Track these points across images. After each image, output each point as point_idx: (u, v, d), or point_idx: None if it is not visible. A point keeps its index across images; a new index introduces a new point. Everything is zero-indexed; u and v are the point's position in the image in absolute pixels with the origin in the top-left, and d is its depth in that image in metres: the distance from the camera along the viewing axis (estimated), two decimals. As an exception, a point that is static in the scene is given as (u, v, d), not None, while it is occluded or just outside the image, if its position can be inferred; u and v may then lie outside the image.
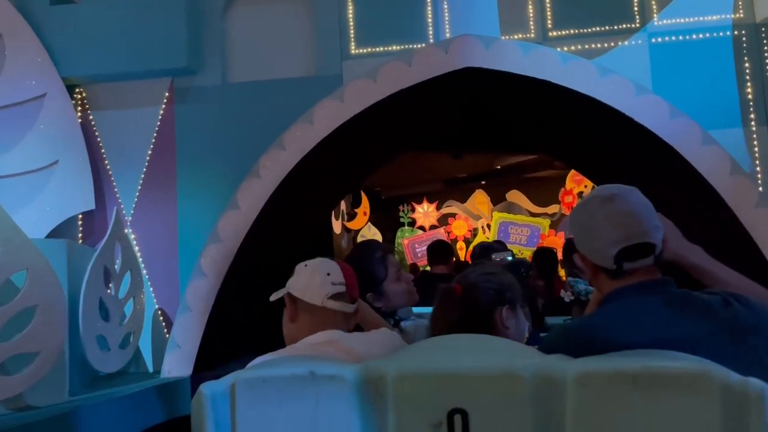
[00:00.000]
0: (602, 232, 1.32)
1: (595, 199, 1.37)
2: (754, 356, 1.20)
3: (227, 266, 3.36)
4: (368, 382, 1.05)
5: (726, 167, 3.13)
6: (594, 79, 3.28)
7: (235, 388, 1.08)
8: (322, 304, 1.63)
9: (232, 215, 3.39)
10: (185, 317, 3.36)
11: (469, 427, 0.98)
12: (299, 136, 3.41)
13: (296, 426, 1.05)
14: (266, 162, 3.41)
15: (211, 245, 3.38)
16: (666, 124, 3.20)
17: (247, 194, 3.40)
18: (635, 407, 0.97)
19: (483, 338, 1.33)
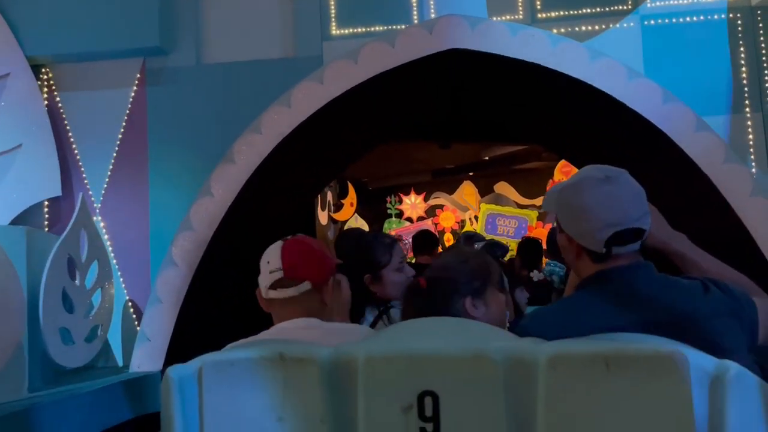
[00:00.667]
0: (595, 215, 1.27)
1: (588, 180, 1.31)
2: (733, 340, 1.20)
3: (200, 256, 3.20)
4: (338, 364, 1.03)
5: (720, 154, 3.02)
6: (585, 62, 3.14)
7: (203, 372, 1.06)
8: (266, 297, 1.55)
9: (204, 202, 3.23)
10: (155, 309, 3.20)
11: (439, 409, 0.97)
12: (276, 119, 3.24)
13: (265, 409, 1.03)
14: (241, 147, 3.25)
15: (183, 234, 3.22)
16: (659, 109, 3.08)
17: (221, 180, 3.23)
18: (608, 390, 0.95)
19: (456, 321, 1.31)
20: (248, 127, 3.25)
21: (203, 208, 3.23)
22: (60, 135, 3.56)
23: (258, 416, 1.03)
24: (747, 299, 1.28)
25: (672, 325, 1.16)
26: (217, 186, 3.23)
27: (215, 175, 3.24)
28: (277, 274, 1.52)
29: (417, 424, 0.98)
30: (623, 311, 1.22)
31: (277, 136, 3.23)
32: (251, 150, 3.24)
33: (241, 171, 3.23)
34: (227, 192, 3.22)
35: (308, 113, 3.22)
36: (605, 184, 1.28)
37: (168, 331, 3.18)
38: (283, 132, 3.23)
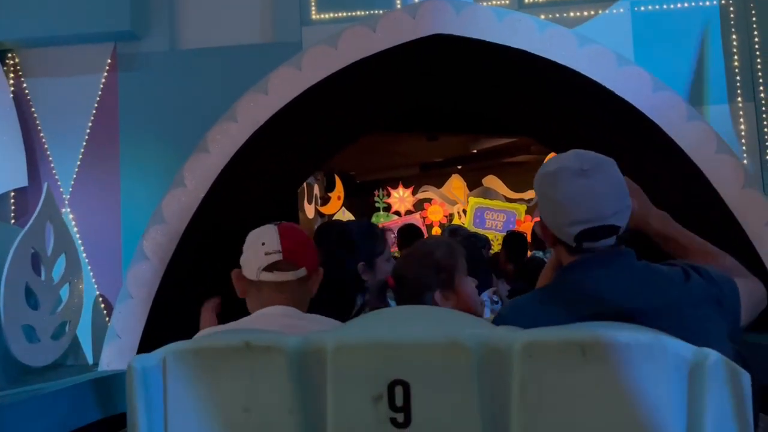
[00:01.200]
0: (566, 209, 1.23)
1: (564, 171, 1.24)
2: (713, 328, 1.19)
3: (172, 249, 3.07)
4: (306, 353, 1.00)
5: (711, 145, 2.93)
6: (573, 48, 3.04)
7: (167, 361, 1.02)
8: (257, 279, 1.47)
9: (177, 193, 3.09)
10: (126, 305, 3.07)
11: (410, 398, 0.95)
12: (252, 107, 3.11)
13: (231, 399, 1.00)
14: (216, 135, 3.11)
15: (155, 226, 3.09)
16: (648, 97, 2.97)
17: (195, 170, 3.10)
18: (584, 378, 0.93)
19: (429, 309, 1.29)
20: (223, 115, 3.11)
21: (176, 199, 3.09)
22: (27, 123, 3.41)
23: (223, 407, 1.00)
24: (729, 285, 1.25)
25: (651, 315, 1.14)
26: (191, 176, 3.10)
27: (188, 165, 3.10)
28: (275, 256, 1.47)
29: (387, 414, 0.95)
30: (599, 302, 1.19)
31: (253, 124, 3.10)
32: (226, 139, 3.10)
33: (216, 161, 3.10)
34: (201, 183, 3.09)
35: (286, 100, 3.09)
36: (580, 178, 1.22)
37: (139, 328, 3.06)
38: (260, 120, 3.10)
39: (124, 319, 3.07)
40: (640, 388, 0.93)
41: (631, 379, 0.93)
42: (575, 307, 1.19)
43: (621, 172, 1.28)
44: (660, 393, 0.92)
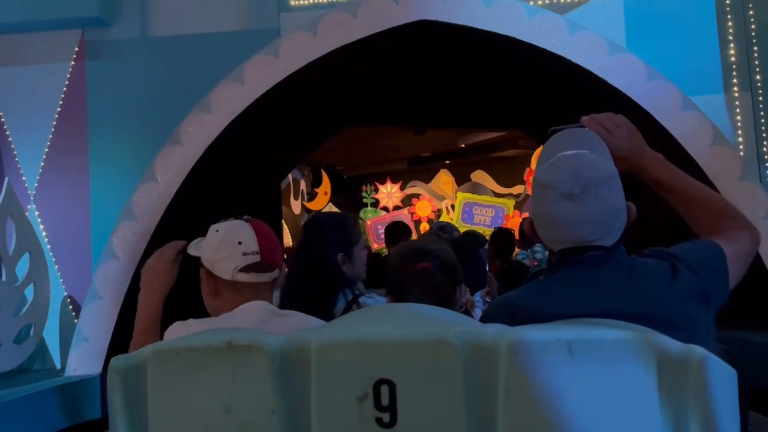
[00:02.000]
0: (549, 228, 1.22)
1: (553, 190, 1.19)
2: (700, 323, 1.18)
3: (143, 247, 2.92)
4: (289, 352, 0.98)
5: (707, 136, 2.81)
6: (563, 35, 2.91)
7: (148, 362, 1.01)
8: (233, 279, 1.44)
9: (148, 189, 2.94)
10: (94, 306, 2.91)
11: (396, 398, 0.93)
12: (227, 96, 2.95)
13: (212, 399, 0.98)
14: (189, 127, 2.95)
15: (124, 223, 2.93)
16: (642, 86, 2.85)
17: (166, 164, 2.94)
18: (571, 376, 0.93)
19: (415, 307, 1.30)
20: (196, 106, 2.95)
21: (146, 195, 2.94)
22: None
23: (205, 408, 0.98)
24: (716, 265, 1.22)
25: (638, 316, 1.11)
26: (162, 171, 2.94)
27: (160, 158, 2.95)
28: (254, 257, 1.44)
29: (373, 414, 0.93)
30: (585, 301, 1.18)
31: (228, 114, 2.94)
32: (200, 130, 2.95)
33: (189, 154, 2.95)
34: (173, 177, 2.94)
35: (262, 90, 2.95)
36: (568, 202, 1.17)
37: (108, 331, 2.90)
38: (235, 110, 2.95)
39: (92, 322, 2.91)
40: (627, 385, 0.92)
41: (618, 376, 0.92)
42: (557, 307, 1.17)
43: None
44: (647, 390, 0.92)
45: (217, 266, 1.45)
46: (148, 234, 2.92)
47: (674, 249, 1.25)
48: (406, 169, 13.06)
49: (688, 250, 1.24)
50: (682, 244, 1.27)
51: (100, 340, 2.89)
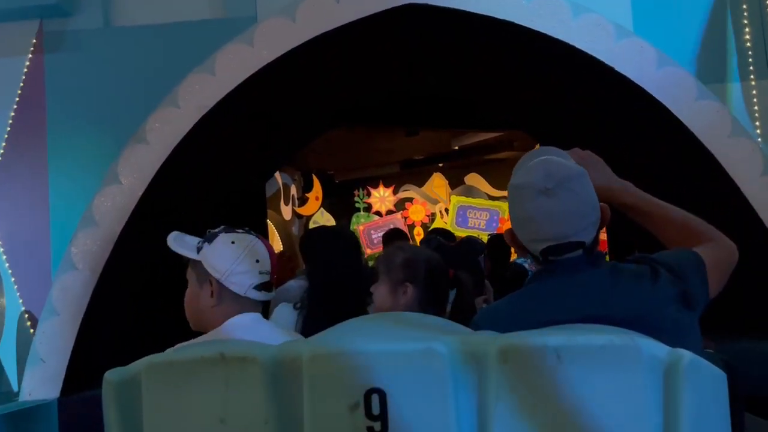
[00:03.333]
0: (528, 227, 1.25)
1: (528, 188, 1.24)
2: (683, 324, 1.21)
3: (105, 257, 2.66)
4: (282, 363, 0.99)
5: (725, 127, 2.58)
6: (566, 19, 2.67)
7: (142, 374, 1.01)
8: (245, 294, 1.48)
9: (110, 192, 2.67)
10: (51, 323, 2.64)
11: (387, 406, 0.94)
12: (197, 90, 2.69)
13: (207, 410, 0.98)
14: (155, 123, 2.68)
15: (85, 230, 2.66)
16: (653, 74, 2.61)
17: (131, 164, 2.68)
18: (560, 381, 0.93)
19: (405, 315, 1.34)
20: (163, 100, 2.68)
21: (109, 198, 2.67)
22: (-62, 112, 2.94)
23: (200, 418, 0.99)
24: (696, 270, 1.24)
25: (621, 321, 1.13)
26: (126, 172, 2.67)
27: (123, 158, 2.68)
28: (266, 276, 1.51)
29: (364, 423, 0.95)
30: (570, 306, 1.20)
31: (199, 109, 2.68)
32: (167, 127, 2.68)
33: (155, 153, 2.68)
34: (138, 179, 2.67)
35: (236, 82, 2.69)
36: (543, 198, 1.22)
37: (66, 350, 2.63)
38: (206, 105, 2.68)
39: (49, 341, 2.63)
40: (616, 390, 0.93)
41: (606, 381, 0.93)
42: (544, 313, 1.19)
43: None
44: (636, 394, 0.93)
45: (232, 279, 1.47)
46: (111, 242, 2.65)
47: (654, 255, 1.28)
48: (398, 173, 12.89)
49: (667, 255, 1.28)
50: (661, 252, 1.30)
51: (57, 361, 2.62)
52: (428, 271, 1.72)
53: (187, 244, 1.52)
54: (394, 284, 1.70)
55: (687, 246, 1.30)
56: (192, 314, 1.53)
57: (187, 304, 1.53)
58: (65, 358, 2.61)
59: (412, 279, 1.69)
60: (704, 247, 1.28)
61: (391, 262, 1.72)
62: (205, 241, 1.50)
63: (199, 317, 1.51)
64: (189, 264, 1.53)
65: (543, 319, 1.15)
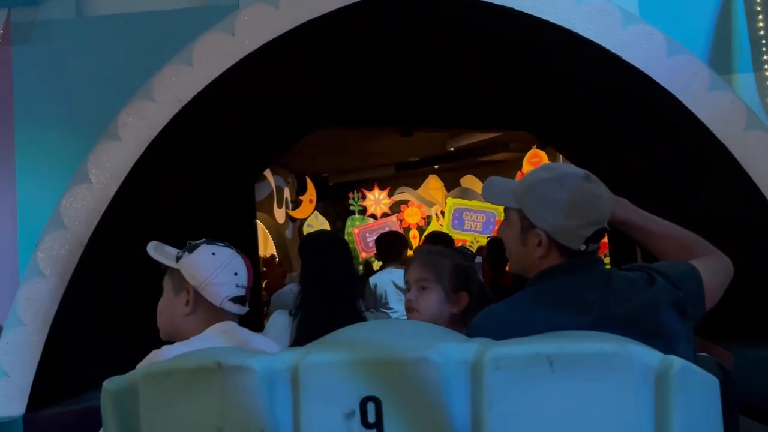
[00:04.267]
0: (581, 212, 1.26)
1: (571, 176, 1.29)
2: (677, 329, 1.21)
3: (74, 262, 2.46)
4: (278, 371, 1.00)
5: (740, 119, 2.42)
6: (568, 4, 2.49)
7: (140, 384, 1.03)
8: (220, 305, 1.51)
9: (80, 192, 2.47)
10: (15, 334, 2.45)
11: (382, 414, 0.96)
12: (174, 82, 2.50)
13: (204, 419, 0.99)
14: (127, 118, 2.49)
15: (52, 233, 2.47)
16: (663, 62, 2.44)
17: (102, 162, 2.48)
18: (553, 389, 0.95)
19: (402, 323, 1.43)
20: (137, 93, 2.49)
21: (78, 199, 2.47)
22: None
23: (197, 427, 1.00)
24: (690, 279, 1.27)
25: (622, 319, 1.18)
26: (97, 171, 2.48)
27: (94, 156, 2.49)
28: (242, 290, 1.55)
29: (360, 431, 0.96)
30: (572, 309, 1.22)
31: (175, 103, 2.49)
32: (141, 123, 2.49)
33: (128, 150, 2.49)
34: (110, 178, 2.48)
35: (215, 73, 2.50)
36: (587, 182, 1.29)
37: (32, 364, 2.43)
38: (183, 98, 2.49)
39: (14, 353, 2.43)
40: (608, 397, 0.94)
41: (598, 388, 0.93)
42: (547, 314, 1.21)
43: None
44: (627, 401, 0.94)
45: (209, 289, 1.49)
46: (80, 246, 2.45)
47: (651, 264, 1.31)
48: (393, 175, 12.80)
49: (664, 264, 1.31)
50: (659, 262, 1.33)
51: (22, 375, 2.42)
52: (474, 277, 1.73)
53: (166, 253, 1.55)
54: (446, 292, 1.66)
55: (683, 259, 1.33)
56: (165, 322, 1.54)
57: (161, 312, 1.55)
58: (31, 371, 2.41)
59: (465, 286, 1.67)
60: (700, 261, 1.31)
61: (442, 269, 1.67)
62: (186, 251, 1.53)
63: (172, 325, 1.52)
64: (166, 272, 1.55)
65: (544, 322, 1.17)
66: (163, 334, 1.54)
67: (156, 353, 1.39)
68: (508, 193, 1.35)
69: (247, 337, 1.50)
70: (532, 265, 1.32)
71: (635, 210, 1.41)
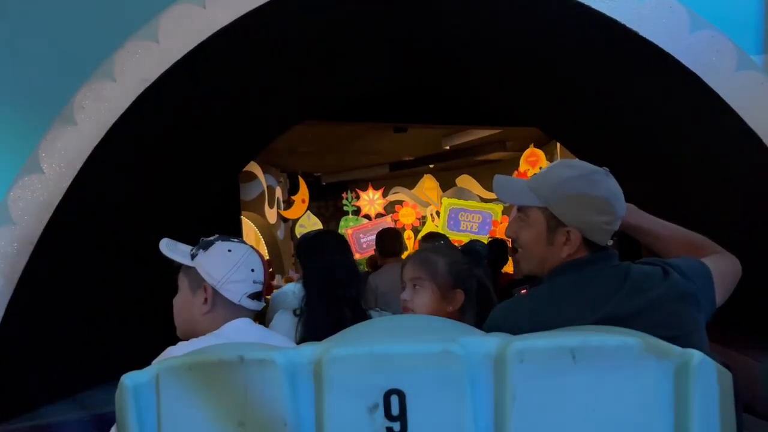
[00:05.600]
0: (611, 207, 1.31)
1: (595, 173, 1.33)
2: (691, 321, 1.25)
3: (23, 261, 2.19)
4: (301, 365, 1.01)
5: (772, 102, 2.13)
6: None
7: (159, 378, 1.02)
8: (239, 302, 1.52)
9: (30, 183, 2.20)
10: (-44, 343, 2.14)
11: (406, 407, 0.97)
12: (137, 59, 2.23)
13: (225, 413, 0.99)
14: (84, 100, 2.22)
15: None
16: (685, 39, 2.19)
17: (55, 150, 2.21)
18: (575, 382, 0.96)
19: (423, 318, 1.42)
20: (96, 72, 2.22)
21: (28, 191, 2.20)
22: None
23: (218, 421, 0.99)
24: (702, 274, 1.30)
25: (638, 312, 1.20)
26: (49, 159, 2.21)
27: (46, 142, 2.21)
28: (259, 286, 1.57)
29: (384, 423, 0.97)
30: (588, 302, 1.24)
31: (139, 83, 2.22)
32: (99, 105, 2.22)
33: (85, 136, 2.21)
34: (64, 167, 2.21)
35: (184, 50, 2.23)
36: (610, 178, 1.32)
37: (-26, 376, 2.13)
38: (148, 77, 2.22)
39: (-46, 364, 2.15)
40: (630, 390, 0.95)
41: (620, 381, 0.95)
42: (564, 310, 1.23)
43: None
44: (648, 393, 0.96)
45: (227, 287, 1.51)
46: (30, 244, 2.18)
47: (666, 259, 1.35)
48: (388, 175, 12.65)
49: (677, 260, 1.33)
50: (670, 258, 1.36)
51: (-37, 388, 2.14)
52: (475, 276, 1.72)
53: (180, 251, 1.55)
54: (441, 290, 1.66)
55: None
56: (183, 321, 1.54)
57: (178, 311, 1.56)
58: (-28, 385, 2.14)
59: (461, 284, 1.67)
60: (709, 259, 1.35)
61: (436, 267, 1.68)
62: (200, 249, 1.53)
63: (190, 324, 1.53)
64: (181, 271, 1.56)
65: (562, 317, 1.19)
66: (181, 333, 1.54)
67: (171, 350, 1.41)
68: (526, 191, 1.35)
69: (262, 333, 1.54)
70: (555, 263, 1.33)
71: (642, 214, 1.46)
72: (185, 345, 1.41)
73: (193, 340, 1.44)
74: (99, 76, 2.22)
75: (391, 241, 3.83)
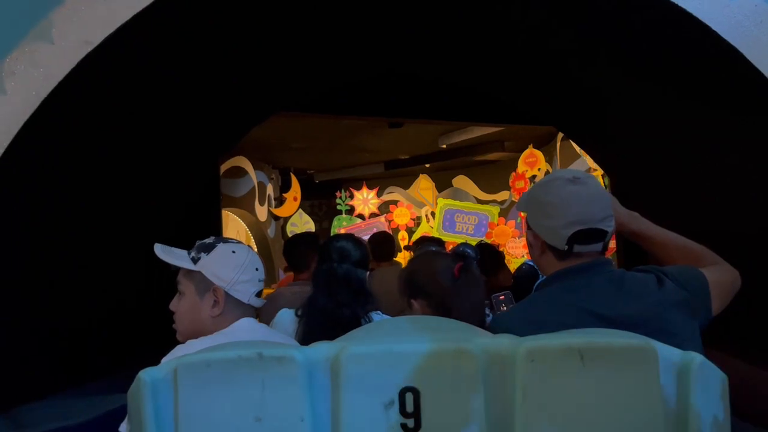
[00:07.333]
0: (560, 212, 1.35)
1: (558, 180, 1.39)
2: (686, 329, 1.27)
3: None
4: (318, 362, 1.03)
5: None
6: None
7: (177, 374, 1.03)
8: (248, 302, 1.56)
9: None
10: None
11: (420, 404, 1.01)
12: (80, 19, 1.89)
13: (243, 410, 1.01)
14: (17, 65, 1.88)
15: None
16: (723, 7, 1.85)
17: (-20, 123, 1.86)
18: (582, 381, 0.99)
19: (435, 319, 1.41)
20: (30, 32, 1.88)
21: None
22: None
23: (235, 417, 1.01)
24: (698, 282, 1.33)
25: (630, 322, 1.21)
26: (-27, 133, 1.86)
27: (-31, 113, 1.86)
28: (263, 284, 1.61)
29: (398, 420, 1.00)
30: (581, 308, 1.27)
31: (81, 45, 1.88)
32: (34, 71, 1.88)
33: (16, 107, 1.88)
34: (-10, 143, 1.85)
35: (136, 9, 1.89)
36: (572, 185, 1.35)
37: None
38: (92, 40, 1.88)
39: None
40: (635, 390, 0.98)
41: (625, 381, 0.97)
42: (560, 315, 1.26)
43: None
44: (652, 393, 0.98)
45: (237, 287, 1.53)
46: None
47: (660, 267, 1.39)
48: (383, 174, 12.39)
49: (672, 268, 1.38)
50: (667, 266, 1.40)
51: None
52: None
53: (178, 255, 1.54)
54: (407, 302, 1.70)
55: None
56: (189, 323, 1.53)
57: (183, 315, 1.54)
58: None
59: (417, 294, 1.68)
60: (707, 269, 1.38)
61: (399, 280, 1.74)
62: (201, 252, 1.54)
63: (198, 326, 1.52)
64: (180, 275, 1.55)
65: (555, 321, 1.19)
66: (185, 337, 1.51)
67: (180, 348, 1.42)
68: (523, 196, 1.46)
69: (267, 332, 1.58)
70: (537, 262, 1.42)
71: (646, 222, 1.50)
72: (196, 343, 1.41)
73: (204, 339, 1.44)
74: (33, 38, 1.88)
75: (384, 245, 3.92)
